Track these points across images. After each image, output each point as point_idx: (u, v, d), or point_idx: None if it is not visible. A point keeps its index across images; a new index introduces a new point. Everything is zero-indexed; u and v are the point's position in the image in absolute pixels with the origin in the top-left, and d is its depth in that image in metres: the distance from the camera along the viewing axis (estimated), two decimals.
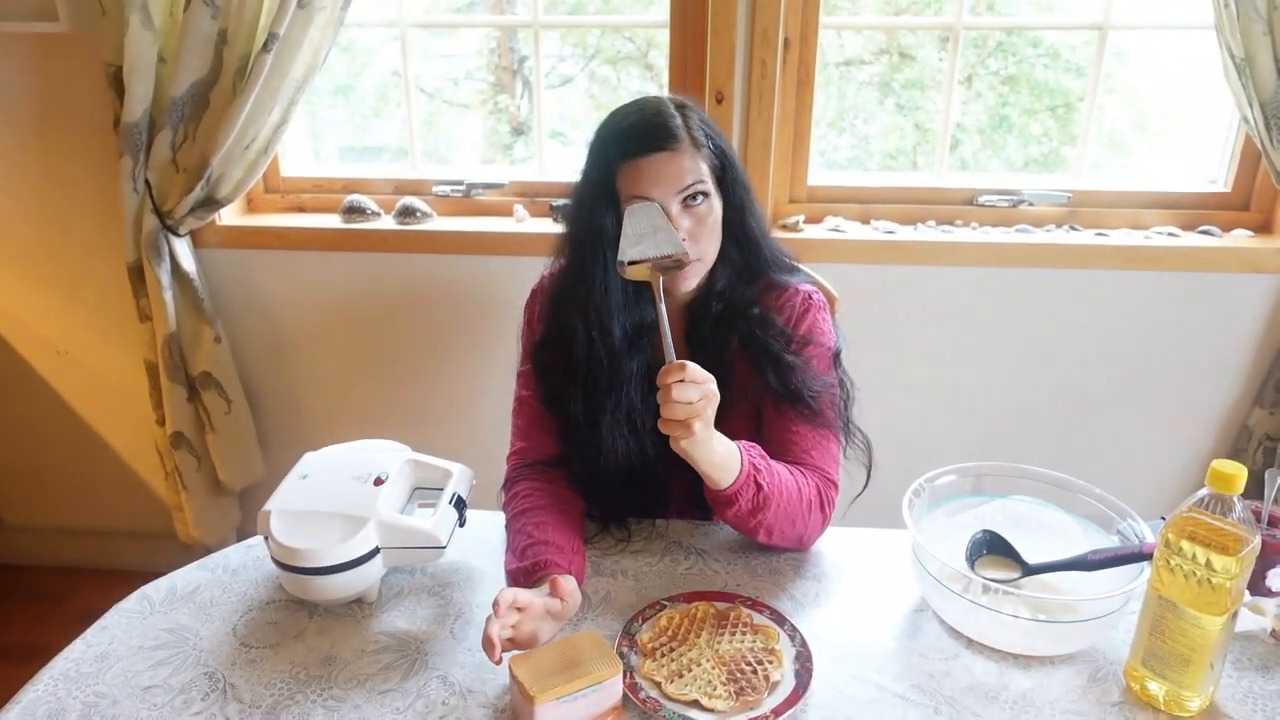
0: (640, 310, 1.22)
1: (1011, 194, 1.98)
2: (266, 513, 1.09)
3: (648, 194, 1.13)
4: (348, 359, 2.14)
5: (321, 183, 2.11)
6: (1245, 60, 1.63)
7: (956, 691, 0.97)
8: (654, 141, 1.12)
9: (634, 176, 1.13)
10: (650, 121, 1.14)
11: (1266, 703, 0.95)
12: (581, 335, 1.20)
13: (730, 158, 1.20)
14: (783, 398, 1.19)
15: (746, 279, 1.25)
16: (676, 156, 1.13)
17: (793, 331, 1.23)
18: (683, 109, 1.17)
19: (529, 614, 0.99)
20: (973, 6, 1.98)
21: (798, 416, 1.20)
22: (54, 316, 2.16)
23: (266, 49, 1.71)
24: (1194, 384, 1.99)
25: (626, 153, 1.13)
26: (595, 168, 1.17)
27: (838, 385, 1.23)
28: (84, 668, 1.00)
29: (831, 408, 1.21)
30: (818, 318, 1.25)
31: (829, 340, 1.25)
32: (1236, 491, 0.87)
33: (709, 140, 1.17)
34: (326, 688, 0.98)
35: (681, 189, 1.13)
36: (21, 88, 1.94)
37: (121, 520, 2.37)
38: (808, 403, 1.19)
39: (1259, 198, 1.93)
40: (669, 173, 1.12)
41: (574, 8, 2.13)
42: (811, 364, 1.21)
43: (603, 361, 1.20)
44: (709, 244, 1.18)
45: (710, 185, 1.16)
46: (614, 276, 1.18)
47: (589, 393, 1.21)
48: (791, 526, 1.14)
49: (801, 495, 1.13)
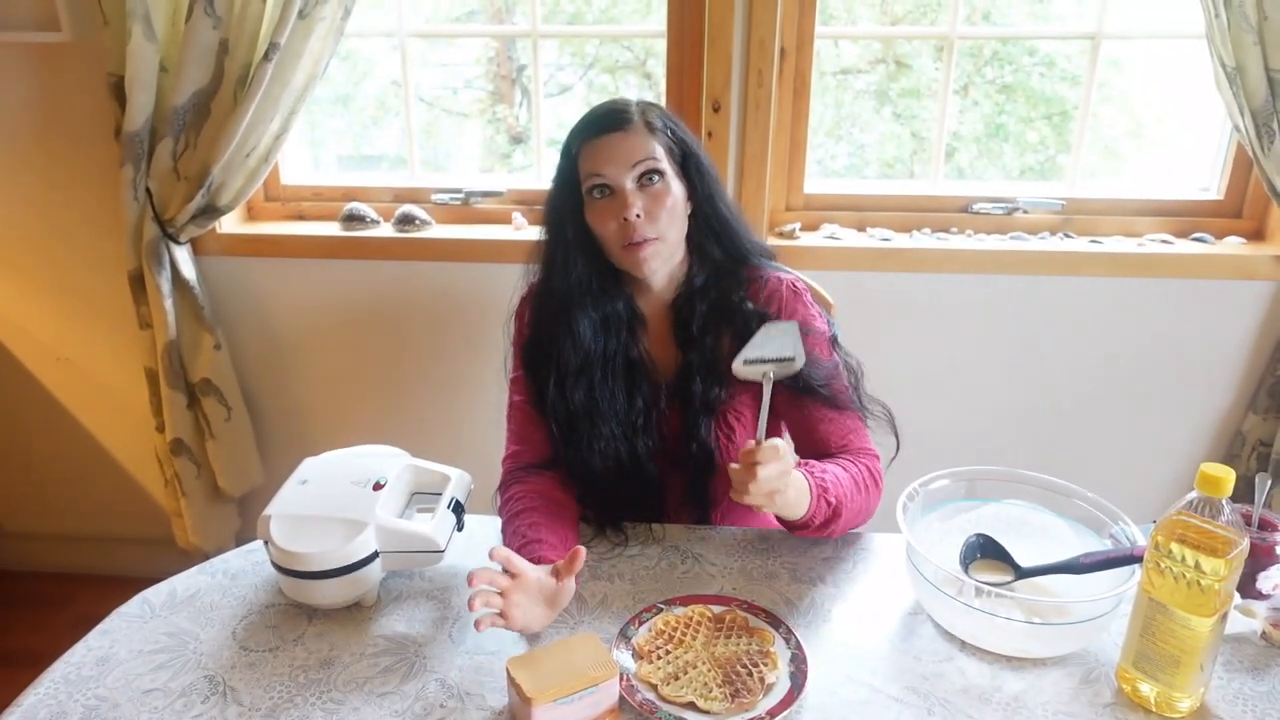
0: (609, 299, 1.26)
1: (1006, 202, 1.99)
2: (266, 517, 1.09)
3: (603, 171, 1.18)
4: (347, 366, 2.15)
5: (321, 191, 2.12)
6: (1236, 69, 1.64)
7: (950, 693, 0.97)
8: (609, 122, 1.19)
9: (590, 155, 1.19)
10: (608, 108, 1.22)
11: (1256, 704, 0.96)
12: (553, 326, 1.24)
13: (692, 148, 1.24)
14: (799, 394, 1.23)
15: (726, 271, 1.27)
16: (629, 136, 1.18)
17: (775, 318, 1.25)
18: (645, 104, 1.23)
19: (519, 584, 1.01)
20: (968, 16, 2.00)
21: (818, 409, 1.24)
22: (54, 323, 2.17)
23: (267, 58, 1.73)
24: (1187, 390, 2.00)
25: (585, 135, 1.20)
26: (562, 158, 1.24)
27: (843, 368, 1.26)
28: (85, 671, 1.01)
29: (844, 390, 1.25)
30: (800, 305, 1.27)
31: (822, 325, 1.28)
32: (1225, 494, 0.88)
33: (667, 129, 1.22)
34: (325, 690, 0.98)
35: (634, 163, 1.18)
36: (24, 97, 1.95)
37: (121, 527, 2.38)
38: (821, 393, 1.22)
39: (1251, 205, 1.95)
40: (621, 150, 1.18)
41: (572, 17, 2.14)
42: (813, 353, 1.23)
43: (575, 350, 1.23)
44: (667, 225, 1.20)
45: (666, 166, 1.20)
46: (578, 262, 1.23)
47: (572, 388, 1.24)
48: (857, 516, 1.20)
49: (860, 487, 1.18)
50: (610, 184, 1.18)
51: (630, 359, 1.27)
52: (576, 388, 1.24)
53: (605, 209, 1.19)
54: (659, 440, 1.27)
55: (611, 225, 1.19)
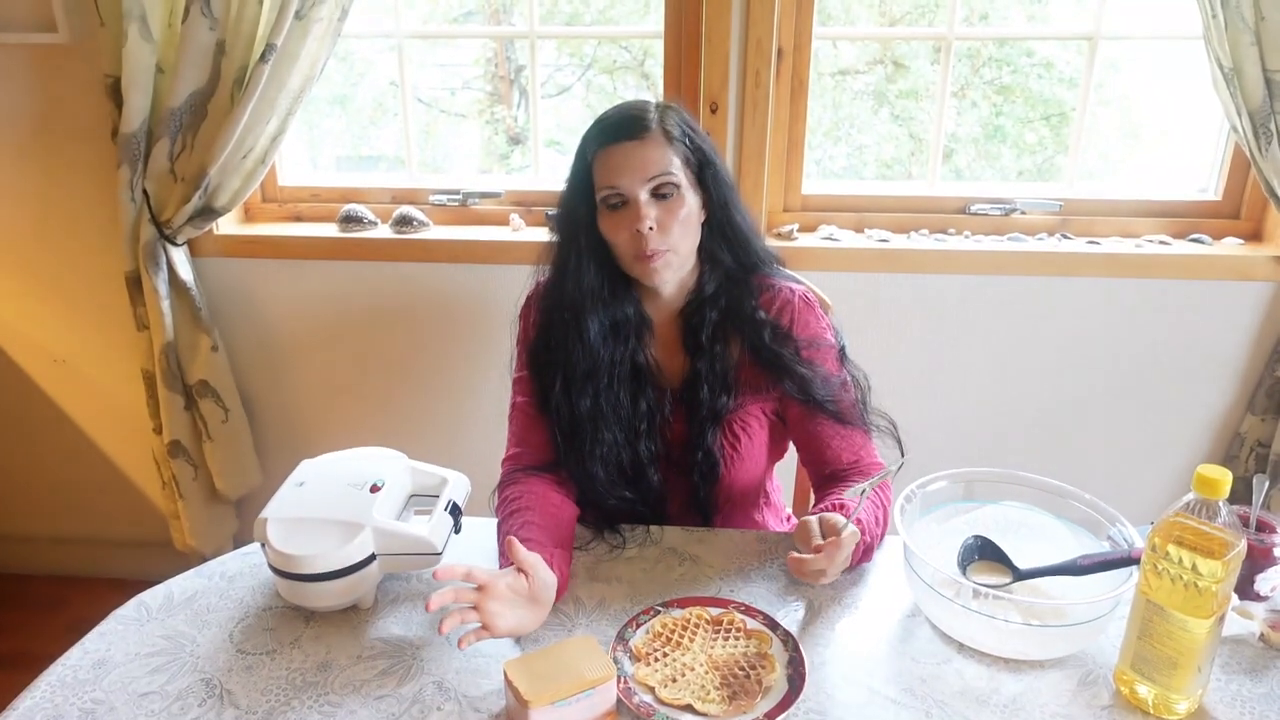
0: (618, 304, 1.25)
1: (1004, 203, 1.99)
2: (263, 519, 1.09)
3: (616, 182, 1.16)
4: (345, 367, 2.15)
5: (319, 192, 2.12)
6: (1233, 70, 1.65)
7: (948, 695, 0.97)
8: (625, 130, 1.17)
9: (605, 163, 1.17)
10: (625, 114, 1.19)
11: (1254, 706, 0.96)
12: (563, 330, 1.23)
13: (710, 157, 1.22)
14: (809, 406, 1.23)
15: (737, 279, 1.27)
16: (645, 146, 1.16)
17: (799, 336, 1.25)
18: (665, 108, 1.21)
19: (489, 592, 1.00)
20: (966, 17, 2.00)
21: (827, 424, 1.24)
22: (51, 325, 2.17)
23: (264, 60, 1.72)
24: (1185, 391, 2.00)
25: (601, 142, 1.18)
26: (577, 160, 1.22)
27: (852, 383, 1.27)
28: (81, 674, 1.01)
29: (853, 405, 1.25)
30: (810, 318, 1.27)
31: (832, 338, 1.28)
32: (1221, 496, 0.88)
33: (685, 137, 1.19)
34: (322, 693, 0.98)
35: (649, 177, 1.16)
36: (20, 98, 1.95)
37: (118, 529, 2.37)
38: (828, 409, 1.23)
39: (1249, 206, 1.95)
40: (635, 160, 1.16)
41: (570, 18, 2.14)
42: (822, 368, 1.24)
43: (584, 355, 1.23)
44: (680, 237, 1.19)
45: (681, 179, 1.18)
46: (590, 268, 1.21)
47: (578, 394, 1.23)
48: (878, 540, 1.20)
49: (883, 510, 1.19)
50: (624, 194, 1.17)
51: (637, 364, 1.27)
52: (583, 393, 1.23)
53: (619, 219, 1.18)
54: (662, 447, 1.27)
55: (624, 235, 1.18)
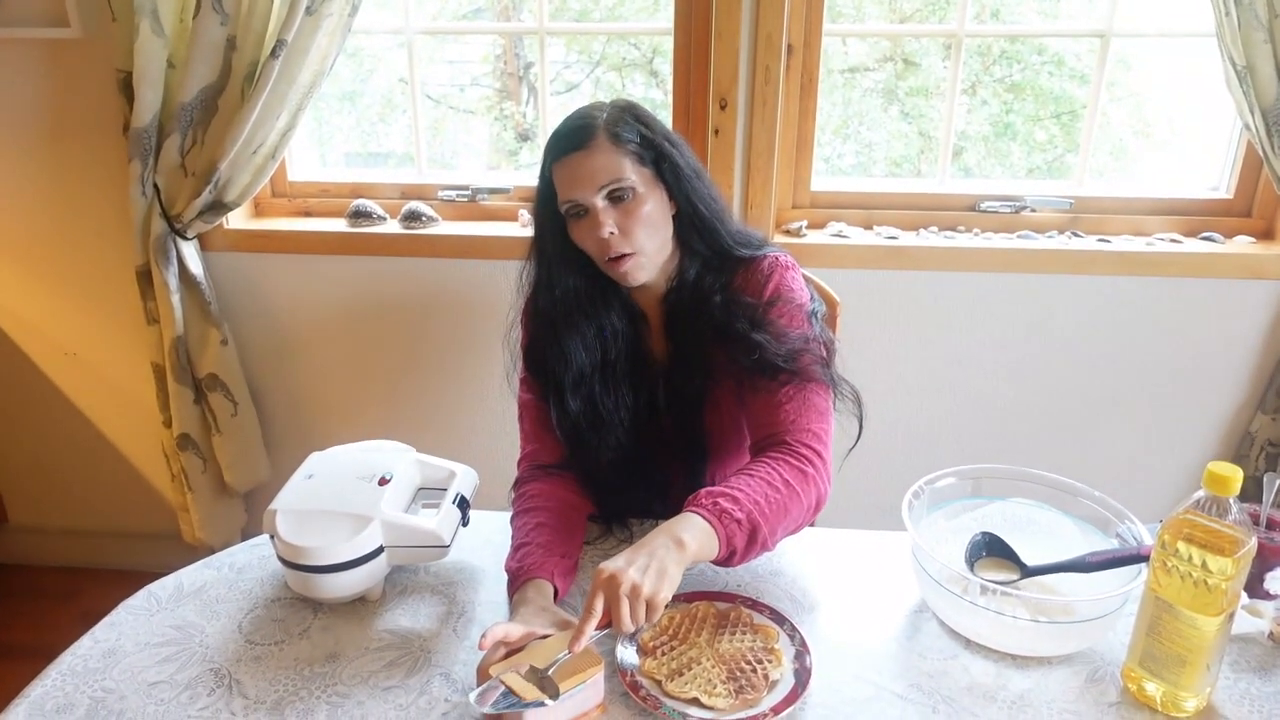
0: (605, 306, 1.26)
1: (1014, 200, 1.98)
2: (273, 511, 1.10)
3: (571, 194, 1.17)
4: (353, 362, 2.16)
5: (328, 187, 2.13)
6: (1246, 68, 1.64)
7: (955, 691, 0.97)
8: (572, 141, 1.17)
9: (560, 176, 1.18)
10: (571, 125, 1.19)
11: (1263, 704, 0.95)
12: (548, 342, 1.25)
13: (664, 150, 1.20)
14: (755, 371, 1.19)
15: (716, 265, 1.26)
16: (591, 155, 1.16)
17: (759, 299, 1.22)
18: (613, 109, 1.20)
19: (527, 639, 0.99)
20: (976, 14, 1.99)
21: (774, 382, 1.18)
22: (62, 318, 2.18)
23: (275, 55, 1.73)
24: (1196, 389, 1.99)
25: (554, 155, 1.19)
26: (541, 175, 1.22)
27: (816, 340, 1.21)
28: (91, 663, 1.02)
29: (813, 363, 1.19)
30: (785, 277, 1.24)
31: (799, 296, 1.24)
32: (1232, 493, 0.88)
33: (635, 136, 1.18)
34: (330, 684, 0.99)
35: (599, 186, 1.16)
36: (33, 92, 1.96)
37: (127, 521, 2.39)
38: (780, 366, 1.17)
39: (1261, 204, 1.94)
40: (585, 171, 1.16)
41: (580, 14, 2.14)
42: (779, 324, 1.20)
43: (572, 363, 1.24)
44: (646, 237, 1.18)
45: (635, 180, 1.17)
46: (569, 276, 1.23)
47: (571, 397, 1.25)
48: (793, 520, 1.10)
49: (778, 484, 1.09)
50: (582, 204, 1.17)
51: (634, 358, 1.28)
52: (576, 397, 1.25)
53: (583, 228, 1.19)
54: (658, 434, 1.28)
55: (590, 242, 1.19)
